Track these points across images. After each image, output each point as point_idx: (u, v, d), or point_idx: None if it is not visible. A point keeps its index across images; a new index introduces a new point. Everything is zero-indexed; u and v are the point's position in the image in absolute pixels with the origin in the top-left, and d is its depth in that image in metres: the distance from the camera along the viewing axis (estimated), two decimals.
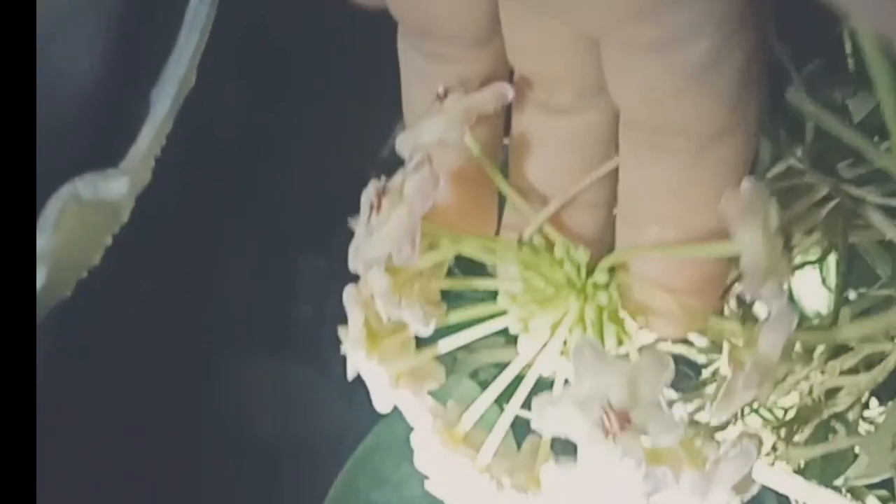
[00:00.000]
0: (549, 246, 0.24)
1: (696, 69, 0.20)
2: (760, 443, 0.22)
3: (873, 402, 0.35)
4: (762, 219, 0.21)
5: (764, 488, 0.36)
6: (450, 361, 0.39)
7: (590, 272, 0.24)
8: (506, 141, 0.26)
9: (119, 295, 0.41)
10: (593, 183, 0.25)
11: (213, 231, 0.44)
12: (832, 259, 0.36)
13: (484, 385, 0.28)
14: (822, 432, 0.32)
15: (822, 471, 0.34)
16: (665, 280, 0.23)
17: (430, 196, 0.22)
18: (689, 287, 0.23)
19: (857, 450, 0.34)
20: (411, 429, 0.25)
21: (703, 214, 0.22)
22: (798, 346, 0.31)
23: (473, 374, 0.39)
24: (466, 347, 0.40)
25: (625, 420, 0.20)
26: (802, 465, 0.34)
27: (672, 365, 0.20)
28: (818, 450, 0.31)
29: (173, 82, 0.36)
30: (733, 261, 0.23)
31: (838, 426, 0.32)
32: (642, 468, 0.20)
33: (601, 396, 0.20)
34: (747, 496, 0.22)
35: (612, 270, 0.24)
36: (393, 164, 0.24)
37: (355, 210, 0.24)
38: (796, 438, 0.31)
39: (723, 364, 0.33)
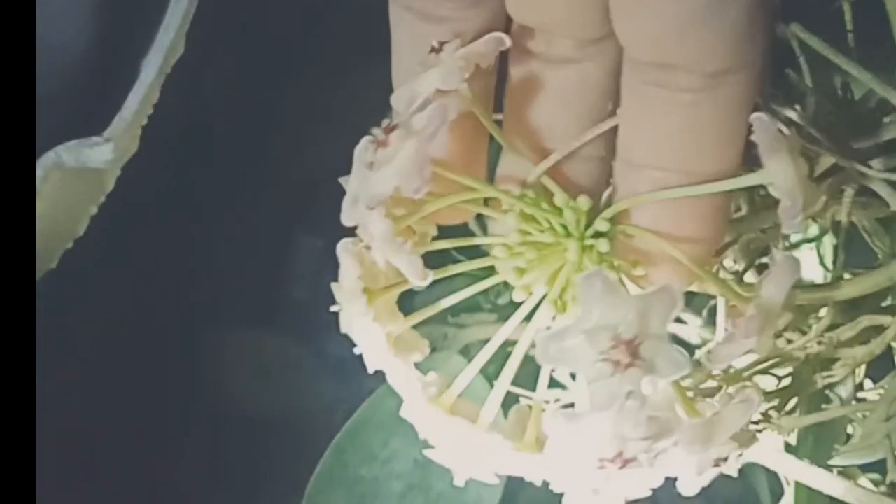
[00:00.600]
0: (548, 196, 0.24)
1: (702, 5, 0.20)
2: (760, 397, 0.22)
3: (867, 383, 0.35)
4: (786, 146, 0.21)
5: (755, 467, 0.35)
6: (440, 338, 0.39)
7: (588, 223, 0.24)
8: (498, 116, 0.26)
9: (106, 268, 0.40)
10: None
11: (204, 204, 0.43)
12: (828, 240, 0.36)
13: None
14: (816, 404, 0.32)
15: (815, 449, 0.33)
16: (667, 227, 0.23)
17: (439, 128, 0.22)
18: (692, 233, 0.23)
19: (850, 430, 0.34)
20: (400, 405, 0.25)
21: (704, 158, 0.22)
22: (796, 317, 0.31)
23: (464, 351, 0.39)
24: (457, 324, 0.40)
25: (634, 352, 0.19)
26: (795, 443, 0.33)
27: (682, 299, 0.20)
28: (811, 418, 0.31)
29: (160, 50, 0.36)
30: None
31: (832, 396, 0.32)
32: (646, 409, 0.20)
33: (611, 327, 0.20)
34: (748, 450, 0.22)
35: (611, 220, 0.23)
36: None
37: None
38: (789, 407, 0.31)
39: (718, 334, 0.32)
